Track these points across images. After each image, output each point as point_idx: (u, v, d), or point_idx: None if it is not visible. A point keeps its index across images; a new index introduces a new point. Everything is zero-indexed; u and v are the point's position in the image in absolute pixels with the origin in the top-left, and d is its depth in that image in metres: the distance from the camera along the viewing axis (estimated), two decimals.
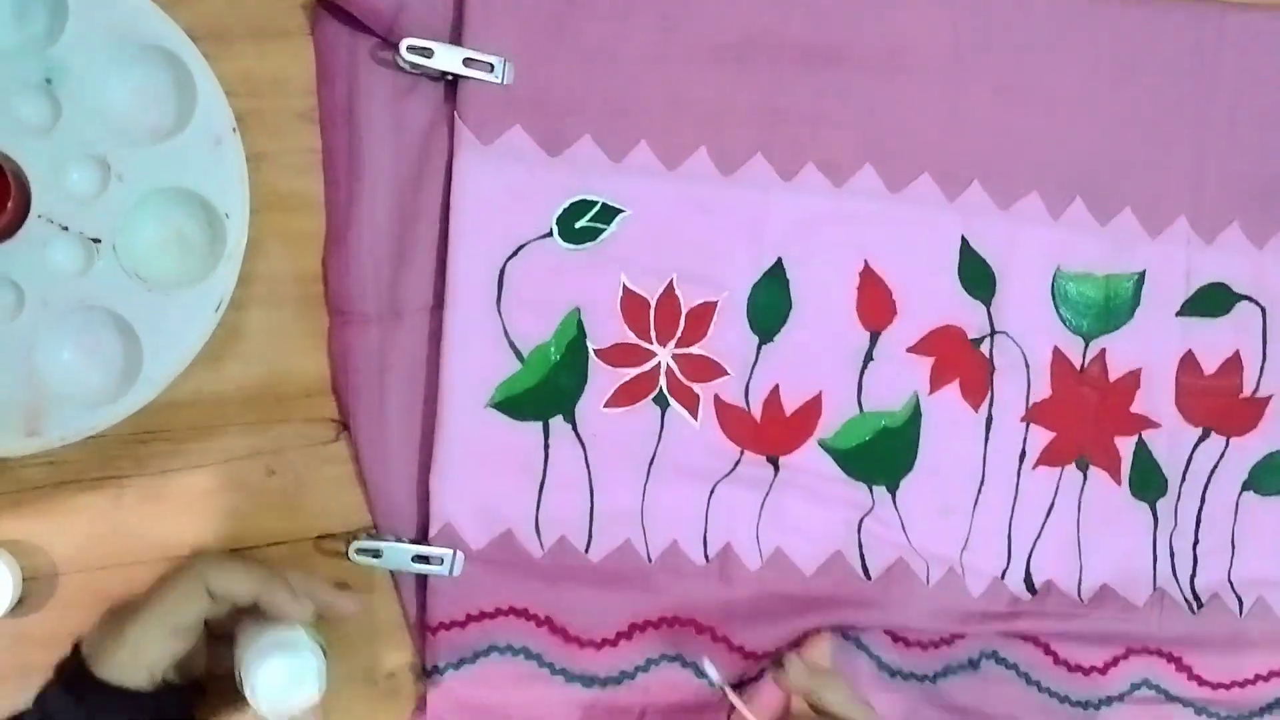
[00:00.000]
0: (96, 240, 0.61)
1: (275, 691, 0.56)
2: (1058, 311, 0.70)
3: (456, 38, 0.65)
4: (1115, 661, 0.71)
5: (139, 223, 0.62)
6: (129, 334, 0.62)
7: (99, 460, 0.64)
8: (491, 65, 0.65)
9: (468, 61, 0.65)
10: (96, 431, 0.61)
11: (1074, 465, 0.71)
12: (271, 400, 0.66)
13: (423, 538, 0.66)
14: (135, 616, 0.57)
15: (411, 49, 0.64)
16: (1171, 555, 0.72)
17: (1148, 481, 0.71)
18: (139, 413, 0.61)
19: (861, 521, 0.69)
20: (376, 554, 0.65)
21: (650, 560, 0.67)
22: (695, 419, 0.68)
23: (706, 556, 0.68)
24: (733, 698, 0.62)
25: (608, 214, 0.67)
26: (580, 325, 0.67)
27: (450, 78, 0.65)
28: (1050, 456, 0.71)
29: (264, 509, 0.66)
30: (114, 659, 0.56)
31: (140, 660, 0.56)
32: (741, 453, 0.68)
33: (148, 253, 0.63)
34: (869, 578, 0.69)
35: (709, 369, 0.68)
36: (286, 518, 0.66)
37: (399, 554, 0.65)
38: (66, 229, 0.61)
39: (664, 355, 0.68)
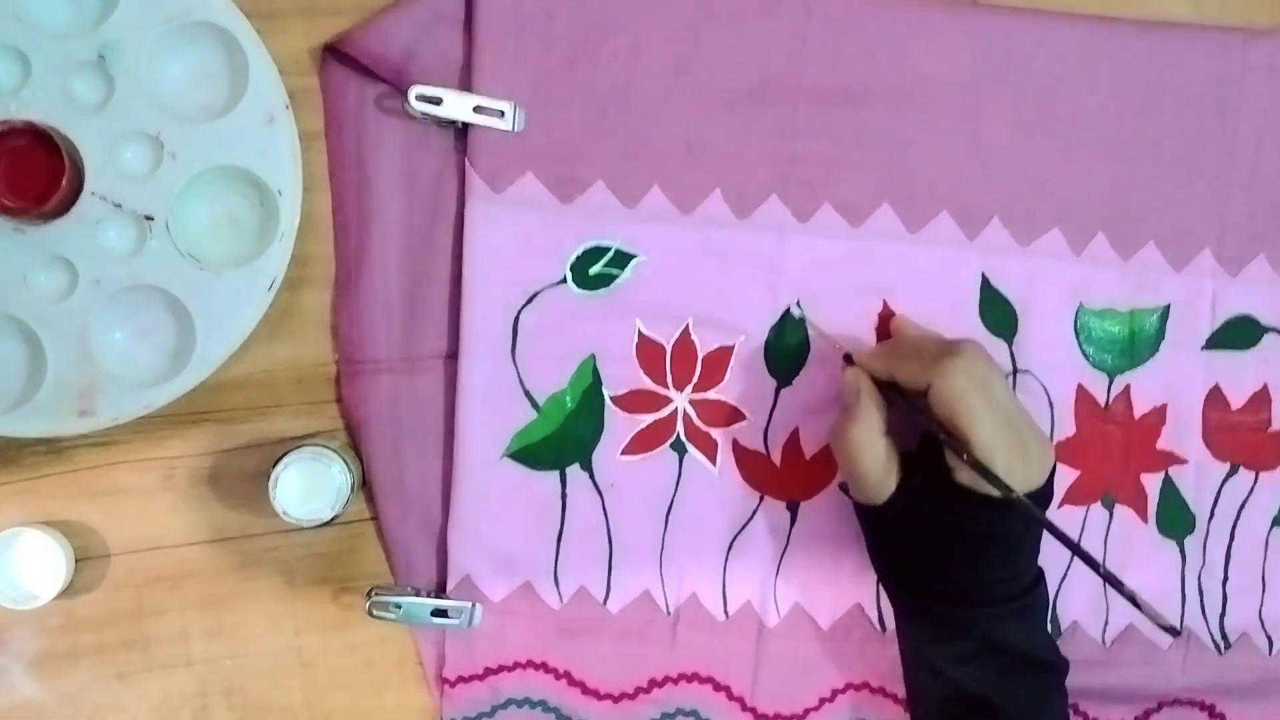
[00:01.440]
0: (149, 218, 0.61)
1: (301, 498, 0.60)
2: (1081, 348, 0.69)
3: (466, 84, 0.65)
4: (1147, 716, 0.70)
5: (191, 201, 0.62)
6: (181, 314, 0.62)
7: (150, 441, 0.64)
8: (502, 112, 0.64)
9: (478, 109, 0.64)
10: (149, 412, 0.61)
11: (1100, 503, 0.70)
12: (323, 381, 0.66)
13: (441, 590, 0.65)
14: None
15: (421, 97, 0.63)
16: (1201, 594, 0.70)
17: (1175, 519, 0.70)
18: (190, 393, 0.62)
19: None
20: (395, 606, 0.64)
21: (669, 613, 0.67)
22: (714, 465, 0.67)
23: (726, 612, 0.67)
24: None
25: (622, 260, 0.66)
26: (596, 372, 0.66)
27: (461, 125, 0.65)
28: (1076, 495, 0.70)
29: None
30: None
31: None
32: (761, 498, 0.67)
33: (200, 232, 0.63)
34: (884, 630, 0.68)
35: (727, 414, 0.67)
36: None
37: (418, 608, 0.64)
38: (119, 207, 0.61)
39: (681, 401, 0.67)
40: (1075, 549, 0.57)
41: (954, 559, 0.59)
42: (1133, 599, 0.57)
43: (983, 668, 0.59)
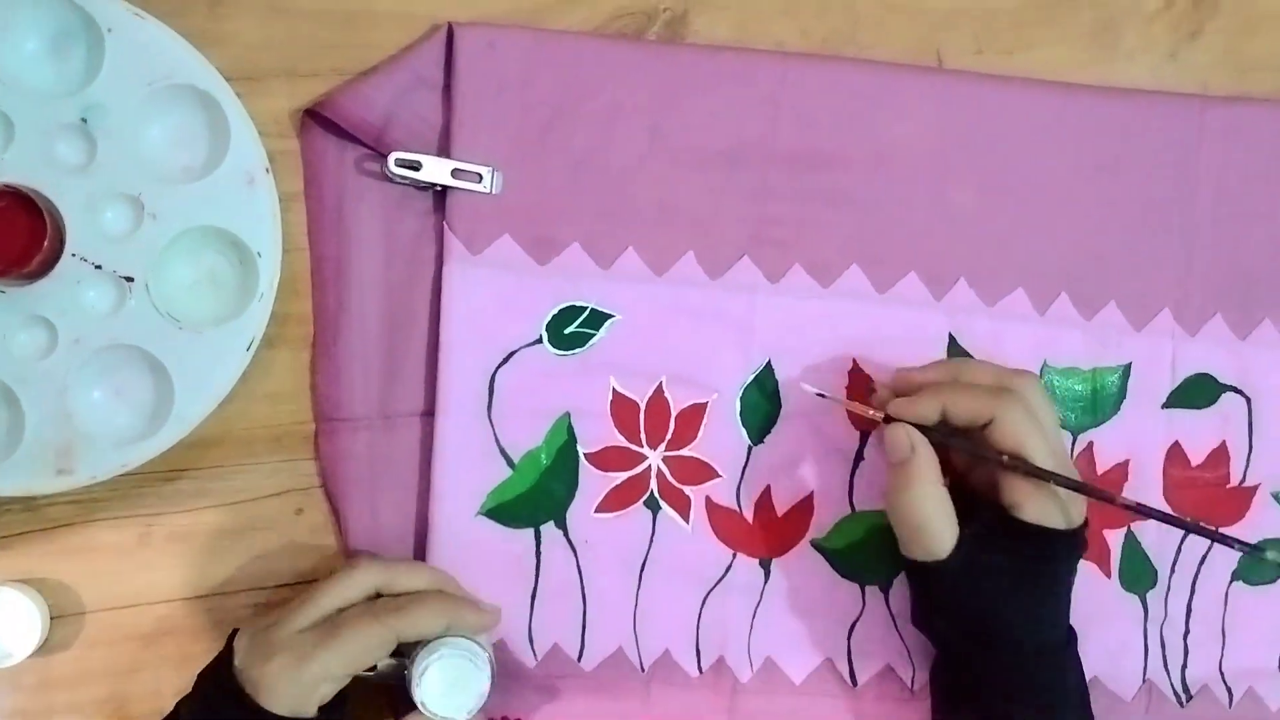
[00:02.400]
0: (129, 279, 0.62)
1: (444, 691, 0.59)
2: None
3: (445, 148, 0.66)
4: None
5: (171, 262, 0.63)
6: (160, 373, 0.62)
7: (127, 499, 0.65)
8: (480, 175, 0.65)
9: (456, 172, 0.65)
10: (126, 470, 0.62)
11: None
12: (300, 439, 0.66)
13: None
14: (315, 657, 0.56)
15: (400, 162, 0.64)
16: (1163, 647, 0.72)
17: (1137, 573, 0.72)
18: (168, 451, 0.62)
19: (852, 627, 0.69)
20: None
21: (643, 670, 0.67)
22: (687, 522, 0.68)
23: (700, 668, 0.68)
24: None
25: (597, 319, 0.67)
26: (570, 430, 0.67)
27: (439, 188, 0.66)
28: None
29: (293, 548, 0.66)
30: (288, 694, 0.56)
31: (314, 695, 0.57)
32: (734, 556, 0.68)
33: (180, 292, 0.64)
34: (855, 684, 0.69)
35: (700, 471, 0.68)
36: (315, 556, 0.66)
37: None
38: (100, 267, 0.61)
39: (654, 458, 0.68)
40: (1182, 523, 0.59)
41: (1019, 603, 0.61)
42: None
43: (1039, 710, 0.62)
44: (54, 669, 0.64)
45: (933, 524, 0.60)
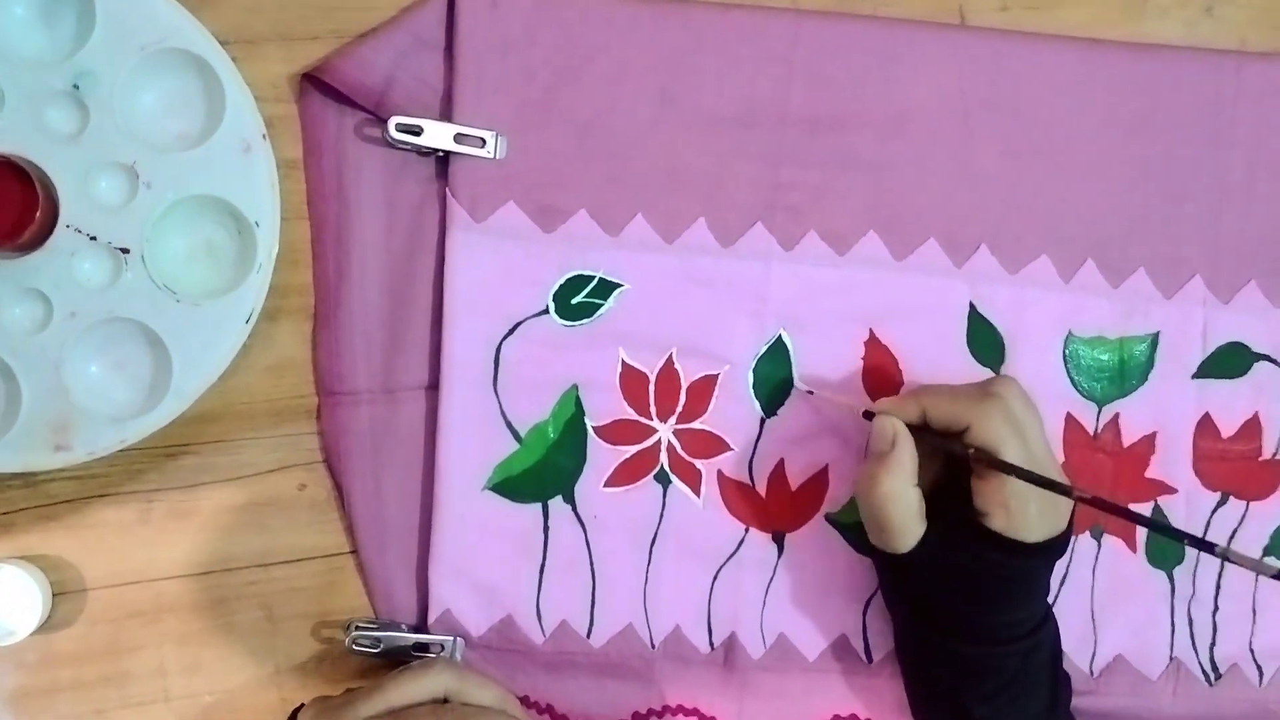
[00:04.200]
0: (125, 250, 0.60)
1: None
2: (1070, 377, 0.68)
3: (447, 112, 0.64)
4: None
5: (167, 232, 0.61)
6: (158, 346, 0.61)
7: (127, 474, 0.64)
8: (483, 140, 0.63)
9: (459, 137, 0.63)
10: (125, 446, 0.61)
11: (1088, 534, 0.69)
12: (302, 413, 0.65)
13: (423, 624, 0.65)
14: None
15: (400, 127, 0.63)
16: (1190, 624, 0.70)
17: (1164, 549, 0.69)
18: (167, 426, 0.61)
19: (868, 603, 0.67)
20: (376, 641, 0.63)
21: (653, 647, 0.66)
22: (698, 496, 0.66)
23: (711, 644, 0.66)
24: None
25: (605, 289, 0.65)
26: (578, 403, 0.65)
27: (442, 153, 0.64)
28: None
29: (295, 524, 0.65)
30: None
31: None
32: (746, 531, 0.66)
33: (176, 263, 0.62)
34: (870, 661, 0.67)
35: (711, 444, 0.66)
36: (317, 533, 0.65)
37: (399, 643, 0.64)
38: (95, 239, 0.60)
39: (665, 431, 0.66)
40: (1188, 537, 0.55)
41: (980, 602, 0.60)
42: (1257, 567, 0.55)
43: (1003, 698, 0.60)
44: (56, 646, 0.63)
45: (898, 519, 0.59)
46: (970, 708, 0.61)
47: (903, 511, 0.59)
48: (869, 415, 0.61)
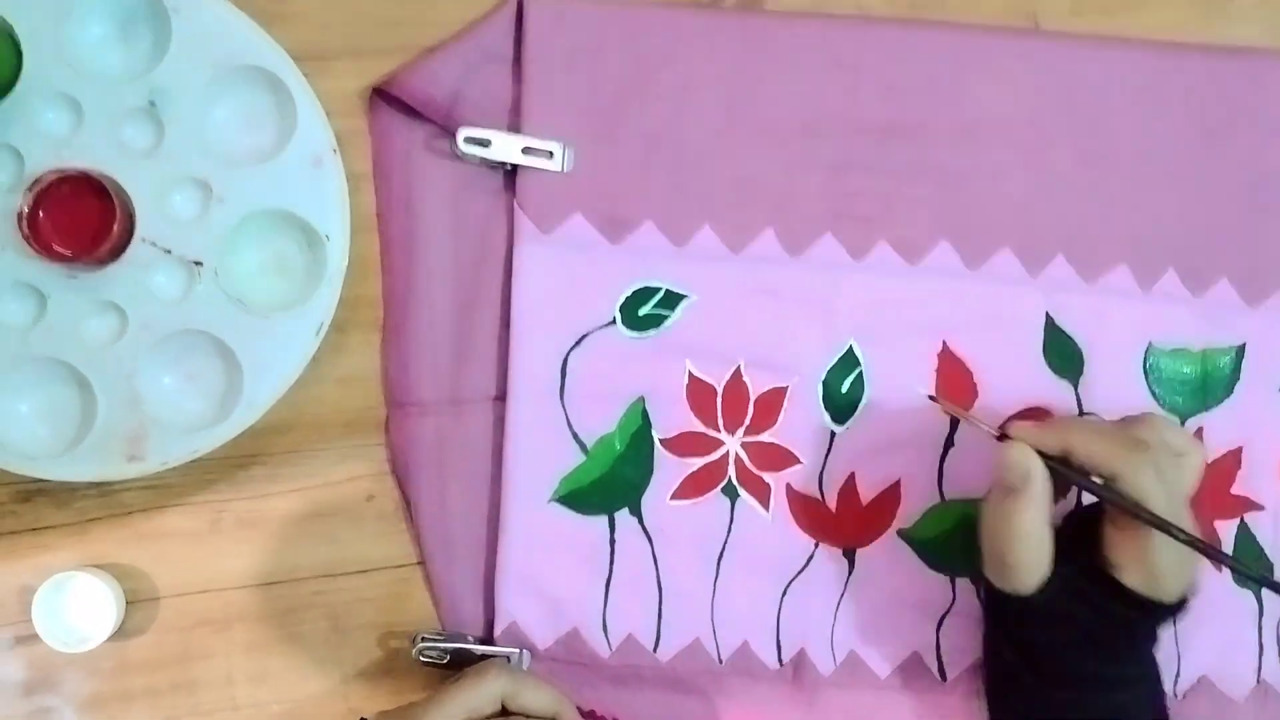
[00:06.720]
0: (198, 263, 0.61)
1: None
2: (1151, 389, 0.67)
3: (515, 124, 0.64)
4: None
5: (239, 245, 0.62)
6: (229, 358, 0.62)
7: (198, 484, 0.64)
8: (551, 153, 0.64)
9: (526, 150, 0.63)
10: (196, 456, 0.61)
11: None
12: (371, 424, 0.65)
13: (489, 636, 0.64)
14: None
15: (469, 140, 0.63)
16: (1279, 646, 0.67)
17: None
18: (238, 437, 0.62)
19: (942, 620, 0.65)
20: (443, 654, 0.63)
21: (720, 661, 0.65)
22: (767, 510, 0.65)
23: (780, 660, 0.65)
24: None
25: (672, 300, 0.65)
26: (645, 415, 0.65)
27: (510, 166, 0.64)
28: None
29: (363, 535, 0.65)
30: None
31: None
32: (816, 545, 0.65)
33: (248, 275, 0.63)
34: (945, 679, 0.65)
35: (780, 457, 0.65)
36: (385, 543, 0.65)
37: (465, 655, 0.63)
38: (169, 252, 0.61)
39: (732, 444, 0.65)
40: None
41: (1097, 654, 0.58)
42: None
43: None
44: (129, 654, 0.64)
45: (1027, 559, 0.56)
46: None
47: (1034, 552, 0.56)
48: (1004, 437, 0.58)
